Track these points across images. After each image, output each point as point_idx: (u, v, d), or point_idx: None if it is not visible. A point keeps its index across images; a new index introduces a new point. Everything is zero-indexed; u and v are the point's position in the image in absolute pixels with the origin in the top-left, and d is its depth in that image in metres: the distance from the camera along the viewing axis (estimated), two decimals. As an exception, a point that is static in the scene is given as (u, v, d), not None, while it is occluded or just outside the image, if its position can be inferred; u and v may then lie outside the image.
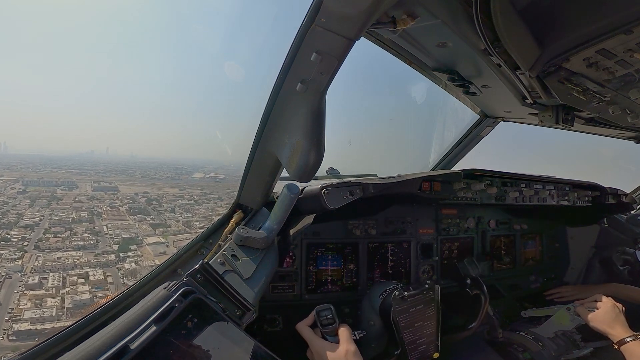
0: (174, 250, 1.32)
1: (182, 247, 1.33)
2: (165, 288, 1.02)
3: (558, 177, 2.48)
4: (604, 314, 1.75)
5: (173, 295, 0.99)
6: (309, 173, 1.10)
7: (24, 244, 29.99)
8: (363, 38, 1.11)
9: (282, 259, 1.54)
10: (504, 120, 2.44)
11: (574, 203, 2.48)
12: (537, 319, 2.11)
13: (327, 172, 2.37)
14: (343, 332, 1.28)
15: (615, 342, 1.65)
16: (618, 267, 2.53)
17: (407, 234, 2.18)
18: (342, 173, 2.40)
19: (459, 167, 2.47)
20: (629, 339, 1.61)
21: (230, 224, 1.38)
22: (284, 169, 1.21)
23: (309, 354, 1.29)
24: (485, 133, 2.60)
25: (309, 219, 1.46)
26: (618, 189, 2.63)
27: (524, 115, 2.17)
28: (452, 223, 2.35)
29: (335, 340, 1.27)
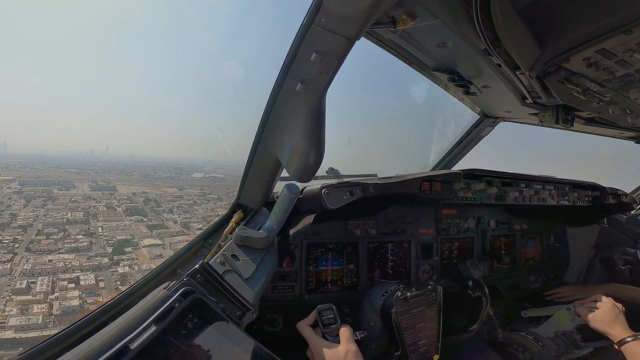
0: (171, 253, 1.32)
1: (182, 247, 1.34)
2: (165, 288, 1.02)
3: (558, 177, 2.48)
4: (604, 314, 1.75)
5: (173, 295, 0.99)
6: (309, 173, 1.10)
7: (15, 246, 29.02)
8: (363, 38, 1.11)
9: (282, 259, 1.53)
10: (504, 120, 2.45)
11: (574, 203, 2.48)
12: (537, 319, 2.11)
13: (327, 172, 2.37)
14: (344, 332, 1.27)
15: (615, 342, 1.65)
16: (619, 267, 2.53)
17: (407, 234, 2.18)
18: (342, 173, 2.40)
19: (459, 167, 2.47)
20: (629, 339, 1.61)
21: (230, 224, 1.38)
22: (284, 169, 1.21)
23: (309, 354, 1.28)
24: (485, 133, 2.60)
25: (309, 219, 1.45)
26: (618, 189, 2.63)
27: (524, 115, 2.17)
28: (452, 223, 2.35)
29: (336, 341, 1.25)
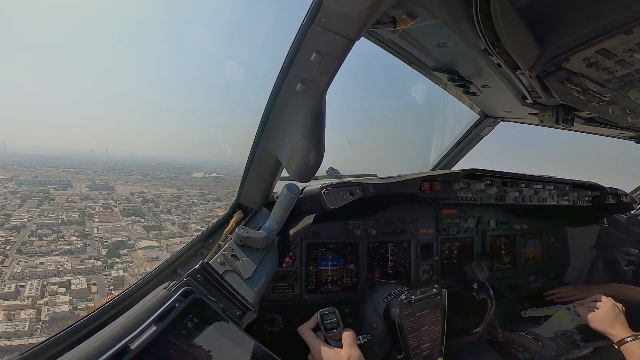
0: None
1: (182, 247, 1.33)
2: (165, 288, 1.02)
3: (558, 177, 2.48)
4: (604, 314, 1.75)
5: (173, 295, 0.99)
6: (309, 173, 1.10)
7: (7, 248, 28.15)
8: (363, 38, 1.11)
9: (282, 259, 1.53)
10: (504, 120, 2.44)
11: (574, 203, 2.48)
12: (537, 319, 2.11)
13: (327, 172, 2.37)
14: (347, 336, 1.25)
15: (615, 342, 1.65)
16: (623, 267, 2.53)
17: (407, 234, 2.18)
18: (342, 173, 2.40)
19: (459, 167, 2.47)
20: (629, 339, 1.61)
21: (230, 224, 1.38)
22: (284, 169, 1.21)
23: (311, 358, 1.26)
24: (485, 133, 2.60)
25: (309, 219, 1.45)
26: (618, 189, 2.63)
27: (524, 115, 2.16)
28: (452, 223, 2.35)
29: (339, 345, 1.23)
